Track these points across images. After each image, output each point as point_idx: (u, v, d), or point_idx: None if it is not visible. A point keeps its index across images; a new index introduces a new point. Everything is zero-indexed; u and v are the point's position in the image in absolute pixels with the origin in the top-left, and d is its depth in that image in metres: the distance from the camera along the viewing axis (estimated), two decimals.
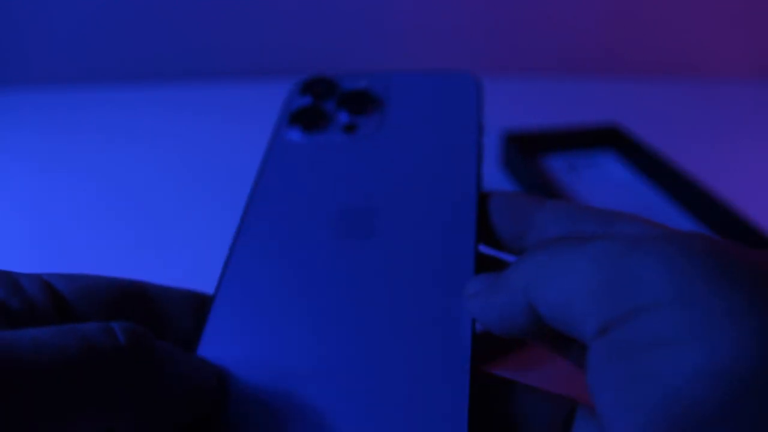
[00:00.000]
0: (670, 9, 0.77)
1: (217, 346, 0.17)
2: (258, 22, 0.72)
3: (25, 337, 0.12)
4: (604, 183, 0.56)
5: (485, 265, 0.20)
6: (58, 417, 0.12)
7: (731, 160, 0.61)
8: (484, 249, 0.20)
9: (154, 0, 0.69)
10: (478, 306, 0.17)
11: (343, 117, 0.24)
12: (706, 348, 0.11)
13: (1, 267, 0.16)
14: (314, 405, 0.16)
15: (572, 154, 0.59)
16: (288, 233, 0.20)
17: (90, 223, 0.47)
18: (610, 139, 0.60)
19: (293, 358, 0.17)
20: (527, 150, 0.56)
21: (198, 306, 0.20)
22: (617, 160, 0.59)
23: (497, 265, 0.20)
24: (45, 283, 0.17)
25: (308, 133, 0.24)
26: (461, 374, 0.16)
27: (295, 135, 0.24)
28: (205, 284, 0.40)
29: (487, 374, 0.17)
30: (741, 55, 0.82)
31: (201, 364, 0.16)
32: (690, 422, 0.11)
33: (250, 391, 0.16)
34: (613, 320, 0.13)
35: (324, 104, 0.25)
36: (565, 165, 0.58)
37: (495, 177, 0.55)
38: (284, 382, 0.16)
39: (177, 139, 0.60)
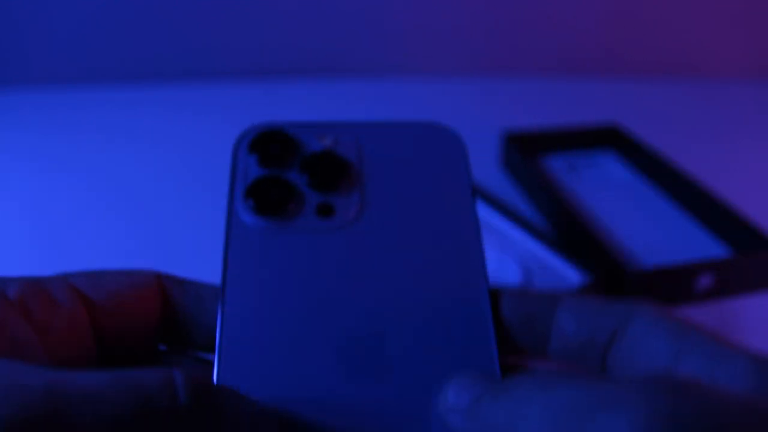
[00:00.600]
0: (670, 9, 0.77)
1: None
2: (258, 22, 0.72)
3: (74, 383, 0.11)
4: (604, 183, 0.56)
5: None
6: None
7: (731, 160, 0.61)
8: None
9: (154, 0, 0.69)
10: (456, 424, 0.16)
11: (312, 195, 0.20)
12: None
13: (2, 267, 0.16)
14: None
15: (572, 154, 0.59)
16: (283, 365, 0.17)
17: (90, 223, 0.47)
18: (610, 139, 0.60)
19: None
20: (527, 150, 0.56)
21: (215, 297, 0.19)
22: (617, 160, 0.59)
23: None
24: (73, 288, 0.17)
25: (273, 219, 0.19)
26: None
27: (257, 220, 0.19)
28: None
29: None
30: (741, 55, 0.82)
31: (266, 415, 0.15)
32: None
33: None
34: None
35: (284, 173, 0.20)
36: (565, 165, 0.58)
37: (495, 177, 0.55)
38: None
39: (177, 139, 0.60)
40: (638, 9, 0.77)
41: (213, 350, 0.17)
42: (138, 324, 0.18)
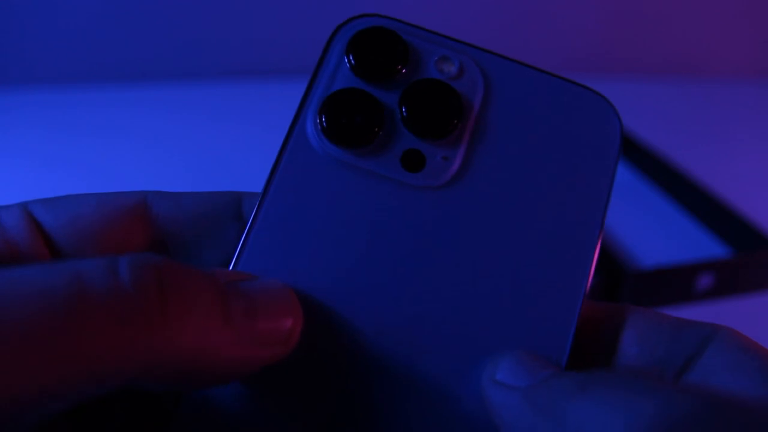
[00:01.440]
0: (671, 9, 0.77)
1: None
2: (258, 22, 0.72)
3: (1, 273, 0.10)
4: None
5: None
6: (33, 379, 0.09)
7: (731, 160, 0.61)
8: None
9: (154, 0, 0.69)
10: (504, 403, 0.13)
11: (404, 135, 0.15)
12: None
13: None
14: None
15: None
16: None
17: None
18: None
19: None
20: None
21: (228, 214, 0.16)
22: None
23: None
24: (26, 213, 0.14)
25: (345, 148, 0.15)
26: None
27: (325, 142, 0.15)
28: None
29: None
30: (741, 55, 0.82)
31: (278, 292, 0.13)
32: None
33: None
34: None
35: (381, 93, 0.15)
36: None
37: None
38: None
39: (177, 139, 0.60)
40: (639, 9, 0.77)
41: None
42: (112, 251, 0.15)
